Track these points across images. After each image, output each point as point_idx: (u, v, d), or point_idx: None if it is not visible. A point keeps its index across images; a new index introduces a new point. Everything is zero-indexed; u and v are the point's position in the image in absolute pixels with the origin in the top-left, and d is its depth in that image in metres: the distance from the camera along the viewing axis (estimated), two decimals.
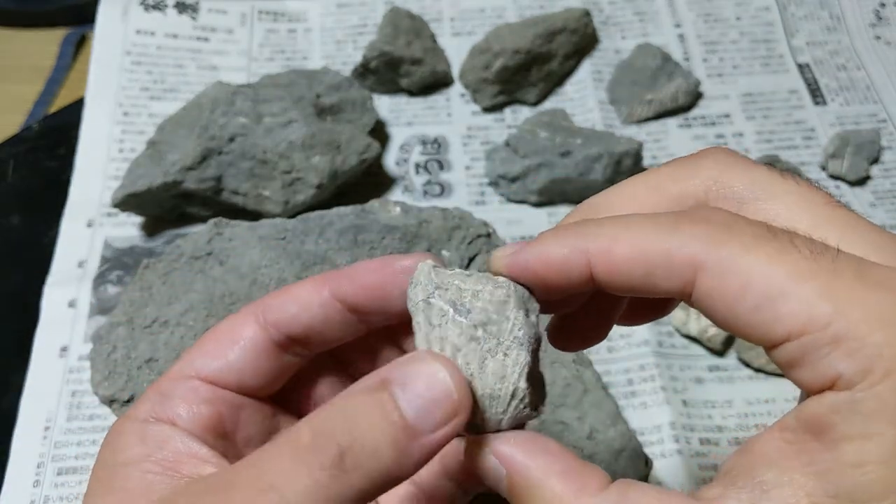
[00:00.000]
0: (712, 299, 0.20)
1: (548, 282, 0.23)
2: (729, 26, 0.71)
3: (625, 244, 0.22)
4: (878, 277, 0.19)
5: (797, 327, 0.19)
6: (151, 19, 0.69)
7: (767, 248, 0.20)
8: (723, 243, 0.20)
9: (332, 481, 0.20)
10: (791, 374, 0.20)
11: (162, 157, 0.56)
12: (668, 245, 0.21)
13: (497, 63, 0.64)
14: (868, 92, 0.66)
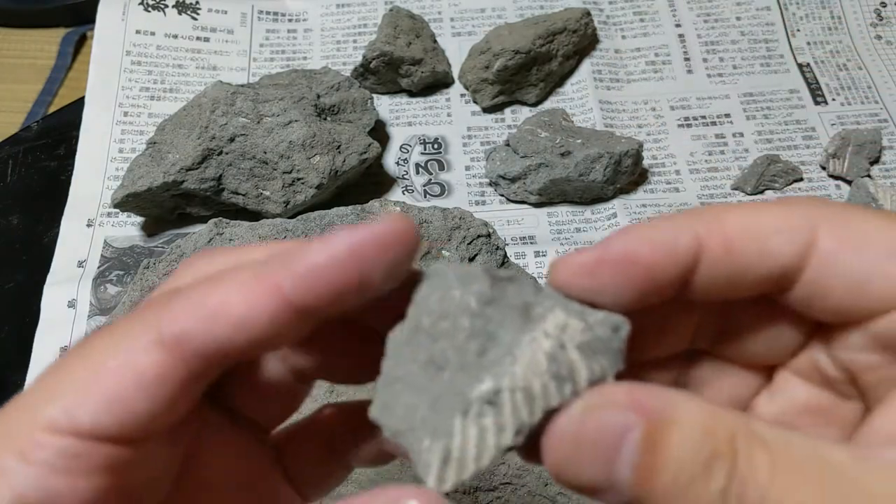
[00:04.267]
0: (837, 256, 0.20)
1: (652, 274, 0.20)
2: (729, 26, 0.71)
3: (736, 214, 0.20)
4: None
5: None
6: (151, 19, 0.69)
7: (870, 212, 0.20)
8: (833, 205, 0.20)
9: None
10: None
11: (162, 157, 0.56)
12: (783, 209, 0.20)
13: (497, 63, 0.64)
14: (869, 92, 0.66)
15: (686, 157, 0.62)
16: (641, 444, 0.18)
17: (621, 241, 0.20)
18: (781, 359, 0.24)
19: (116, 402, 0.18)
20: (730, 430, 0.18)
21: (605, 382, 0.20)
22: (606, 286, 0.20)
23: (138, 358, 0.19)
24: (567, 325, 0.20)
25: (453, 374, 0.20)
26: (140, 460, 0.20)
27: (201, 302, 0.19)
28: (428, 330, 0.20)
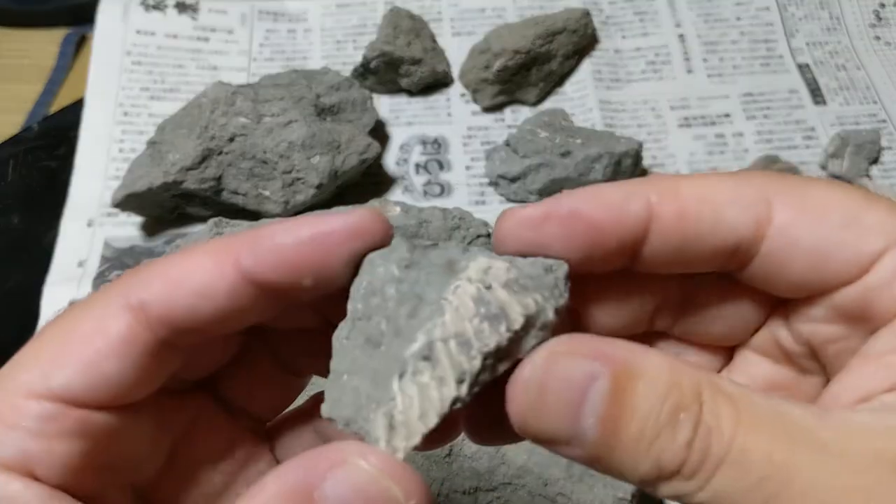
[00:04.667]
0: (794, 228, 0.20)
1: (599, 234, 0.20)
2: (729, 26, 0.71)
3: (691, 184, 0.20)
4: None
5: (891, 237, 0.19)
6: (151, 19, 0.69)
7: (826, 183, 0.20)
8: (789, 178, 0.20)
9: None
10: (883, 301, 0.19)
11: (162, 157, 0.56)
12: (738, 181, 0.20)
13: (497, 63, 0.64)
14: (868, 92, 0.66)
15: (686, 157, 0.63)
16: (607, 393, 0.18)
17: (570, 198, 0.20)
18: (741, 337, 0.24)
19: (87, 366, 0.19)
20: (695, 383, 0.18)
21: (548, 319, 0.19)
22: (550, 241, 0.20)
23: (108, 323, 0.19)
24: (490, 267, 0.19)
25: (389, 344, 0.19)
26: (119, 430, 0.20)
27: (165, 271, 0.20)
28: (362, 313, 0.20)
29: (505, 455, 0.43)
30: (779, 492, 0.17)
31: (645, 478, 0.18)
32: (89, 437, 0.19)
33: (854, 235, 0.19)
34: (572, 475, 0.42)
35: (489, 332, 0.18)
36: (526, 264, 0.20)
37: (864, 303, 0.20)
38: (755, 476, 0.17)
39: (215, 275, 0.20)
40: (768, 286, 0.22)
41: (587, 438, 0.18)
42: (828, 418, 0.18)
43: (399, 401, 0.18)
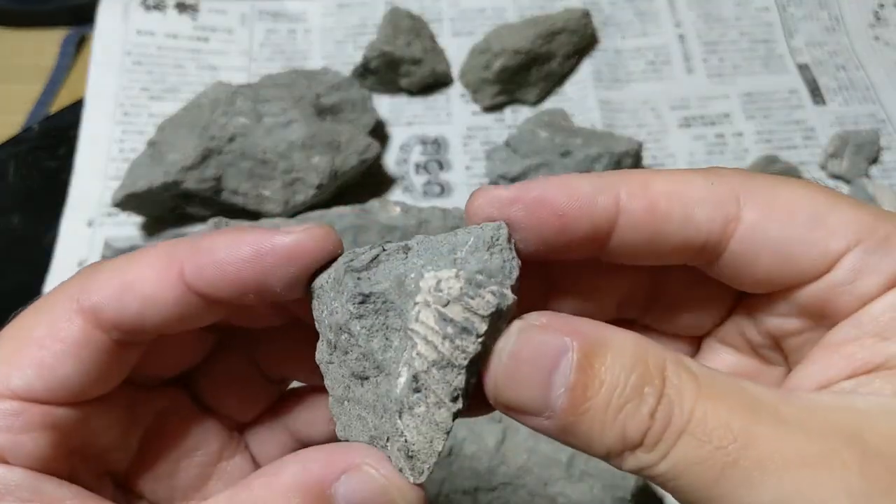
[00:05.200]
0: (762, 227, 0.20)
1: (564, 222, 0.20)
2: (729, 26, 0.71)
3: (662, 181, 0.21)
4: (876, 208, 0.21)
5: (852, 236, 0.20)
6: (151, 19, 0.69)
7: (795, 183, 0.21)
8: (758, 177, 0.21)
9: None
10: (844, 297, 0.20)
11: (162, 157, 0.56)
12: (709, 179, 0.21)
13: (497, 63, 0.64)
14: (867, 92, 0.67)
15: (686, 157, 0.63)
16: (576, 364, 0.18)
17: (541, 185, 0.21)
18: (707, 328, 0.25)
19: (44, 368, 0.20)
20: (660, 359, 0.19)
21: (508, 301, 0.20)
22: (515, 223, 0.21)
23: (61, 326, 0.20)
24: (440, 281, 0.20)
25: (375, 379, 0.20)
26: (85, 422, 0.21)
27: (114, 277, 0.21)
28: (339, 345, 0.21)
29: (505, 455, 0.43)
30: (736, 460, 0.17)
31: (611, 449, 0.19)
32: (54, 429, 0.20)
33: (818, 235, 0.20)
34: (572, 475, 0.43)
35: (462, 346, 0.19)
36: (468, 252, 0.20)
37: (825, 300, 0.21)
38: (713, 445, 0.18)
39: (161, 285, 0.20)
40: (735, 281, 0.22)
41: (556, 408, 0.19)
42: (788, 396, 0.19)
43: (408, 436, 0.20)
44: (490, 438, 0.43)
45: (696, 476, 0.18)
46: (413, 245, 0.21)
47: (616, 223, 0.21)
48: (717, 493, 0.18)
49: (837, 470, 0.17)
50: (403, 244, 0.22)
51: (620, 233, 0.21)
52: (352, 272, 0.21)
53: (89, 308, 0.20)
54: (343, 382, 0.21)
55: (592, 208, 0.20)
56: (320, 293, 0.21)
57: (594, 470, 0.42)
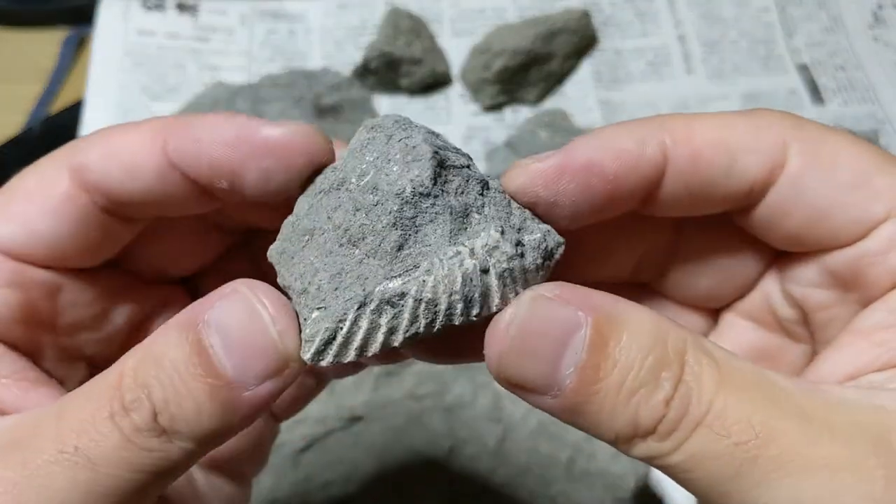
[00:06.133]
0: (803, 179, 0.19)
1: (615, 185, 0.19)
2: (729, 27, 0.71)
3: (706, 127, 0.20)
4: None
5: (894, 204, 0.19)
6: (151, 19, 0.69)
7: (846, 136, 0.19)
8: (807, 125, 0.20)
9: (149, 444, 0.17)
10: (875, 268, 0.19)
11: None
12: (755, 124, 0.19)
13: (497, 63, 0.64)
14: (866, 92, 0.67)
15: None
16: (589, 341, 0.17)
17: (585, 148, 0.19)
18: (729, 295, 0.23)
19: (25, 221, 0.20)
20: (680, 342, 0.18)
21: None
22: (565, 197, 0.19)
23: (50, 182, 0.20)
24: (497, 248, 0.19)
25: (364, 256, 0.19)
26: (56, 291, 0.21)
27: (103, 141, 0.20)
28: (354, 194, 0.19)
29: (505, 455, 0.43)
30: (755, 458, 0.16)
31: (620, 434, 0.18)
32: (22, 289, 0.20)
33: (860, 197, 0.19)
34: (572, 475, 0.43)
35: (460, 312, 0.19)
36: (531, 246, 0.19)
37: (857, 268, 0.20)
38: (732, 440, 0.17)
39: (144, 153, 0.20)
40: (766, 234, 0.21)
41: (564, 387, 0.17)
42: (813, 390, 0.18)
43: (346, 327, 0.18)
44: (490, 439, 0.43)
45: (710, 471, 0.17)
46: (491, 188, 0.20)
47: (664, 174, 0.20)
48: (732, 490, 0.17)
49: (862, 477, 0.16)
50: (485, 179, 0.20)
51: (667, 183, 0.20)
52: (437, 160, 0.19)
53: (77, 166, 0.20)
54: (324, 222, 0.19)
55: (641, 163, 0.19)
56: (379, 135, 0.19)
57: (594, 470, 0.43)
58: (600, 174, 0.19)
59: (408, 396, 0.44)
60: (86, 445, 0.17)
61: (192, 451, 0.18)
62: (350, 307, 0.18)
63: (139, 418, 0.17)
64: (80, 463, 0.17)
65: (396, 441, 0.43)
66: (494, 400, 0.44)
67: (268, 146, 0.19)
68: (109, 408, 0.17)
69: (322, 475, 0.43)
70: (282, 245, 0.20)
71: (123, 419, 0.17)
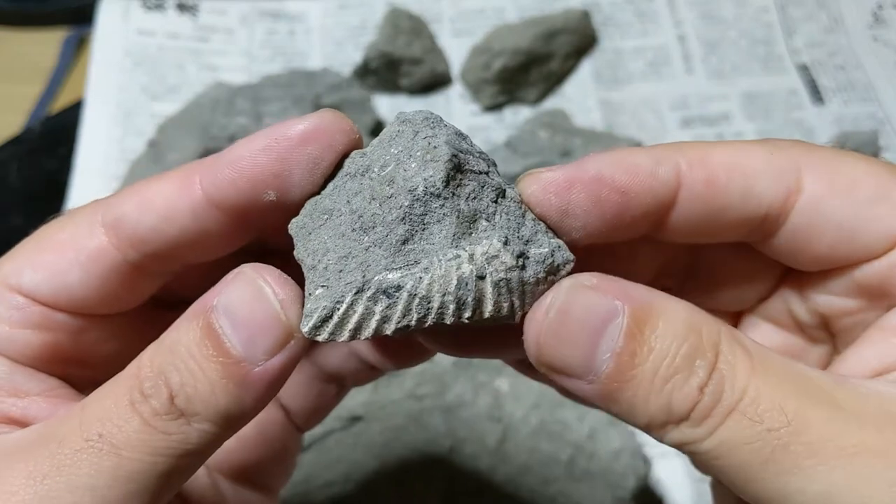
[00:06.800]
0: (824, 201, 0.19)
1: (626, 200, 0.19)
2: (728, 27, 0.71)
3: (721, 152, 0.20)
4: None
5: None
6: (152, 19, 0.69)
7: (856, 156, 0.20)
8: (820, 149, 0.20)
9: (168, 428, 0.18)
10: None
11: (162, 157, 0.56)
12: (769, 150, 0.20)
13: (497, 63, 0.64)
14: (866, 92, 0.67)
15: None
16: (626, 329, 0.18)
17: (597, 162, 0.20)
18: (749, 304, 0.24)
19: (54, 272, 0.20)
20: (714, 332, 0.18)
21: (513, 322, 0.20)
22: (575, 208, 0.20)
23: (82, 236, 0.21)
24: (496, 257, 0.19)
25: (371, 243, 0.19)
26: (84, 333, 0.21)
27: (137, 193, 0.21)
28: (373, 183, 0.20)
29: (505, 455, 0.43)
30: (787, 444, 0.17)
31: (654, 420, 0.18)
32: (50, 331, 0.21)
33: (883, 211, 0.19)
34: (572, 475, 0.43)
35: (451, 313, 0.19)
36: (536, 259, 0.20)
37: (885, 279, 0.20)
38: (764, 426, 0.17)
39: (178, 196, 0.20)
40: (792, 259, 0.21)
41: (601, 372, 0.18)
42: (843, 381, 0.18)
43: (343, 308, 0.19)
44: (490, 438, 0.43)
45: (742, 457, 0.17)
46: (507, 197, 0.20)
47: (677, 197, 0.20)
48: (763, 476, 0.17)
49: (893, 463, 0.16)
50: (503, 187, 0.20)
51: (680, 207, 0.20)
52: (453, 163, 0.19)
53: (111, 220, 0.21)
54: (343, 204, 0.20)
55: (654, 182, 0.19)
56: (407, 129, 0.20)
57: (594, 470, 0.43)
58: (611, 186, 0.19)
59: (408, 396, 0.44)
60: (109, 432, 0.18)
61: (210, 433, 0.18)
62: (349, 290, 0.19)
63: (157, 402, 0.18)
64: (105, 449, 0.17)
65: (396, 441, 0.43)
66: (494, 400, 0.44)
67: (307, 135, 0.20)
68: (129, 396, 0.18)
69: (322, 475, 0.43)
70: (302, 220, 0.21)
71: (143, 405, 0.18)
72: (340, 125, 0.20)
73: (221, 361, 0.18)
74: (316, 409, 0.28)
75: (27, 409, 0.21)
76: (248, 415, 0.19)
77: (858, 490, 0.16)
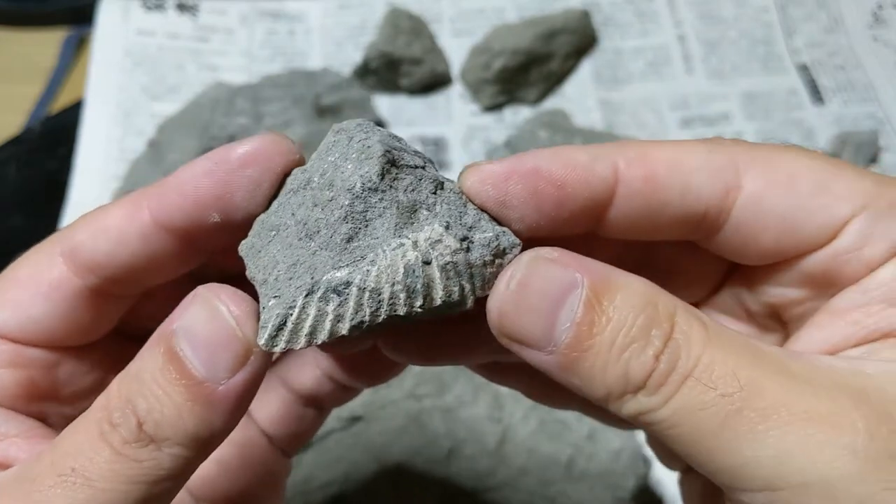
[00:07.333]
0: (765, 196, 0.20)
1: (562, 194, 0.20)
2: (728, 26, 0.71)
3: (660, 150, 0.20)
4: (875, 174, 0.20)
5: (858, 202, 0.19)
6: (152, 19, 0.69)
7: (795, 150, 0.20)
8: (758, 146, 0.20)
9: (139, 455, 0.18)
10: (850, 264, 0.20)
11: (162, 157, 0.56)
12: (707, 148, 0.20)
13: (497, 63, 0.64)
14: (866, 92, 0.67)
15: None
16: (585, 299, 0.18)
17: (535, 156, 0.20)
18: (700, 297, 0.24)
19: (18, 308, 0.21)
20: (671, 304, 0.19)
21: (466, 307, 0.20)
22: (512, 199, 0.20)
23: (42, 269, 0.21)
24: (439, 241, 0.20)
25: (318, 248, 0.20)
26: (57, 367, 0.22)
27: (92, 221, 0.21)
28: (314, 191, 0.20)
29: (505, 455, 0.43)
30: (741, 409, 0.17)
31: (612, 390, 0.18)
32: (21, 367, 0.21)
33: (823, 202, 0.20)
34: (572, 475, 0.43)
35: (403, 303, 0.19)
36: (481, 243, 0.20)
37: (831, 267, 0.20)
38: (718, 392, 0.17)
39: (128, 222, 0.21)
40: (737, 255, 0.22)
41: (560, 342, 0.18)
42: (797, 356, 0.19)
43: (296, 313, 0.19)
44: (490, 439, 0.43)
45: (697, 424, 0.17)
46: (446, 188, 0.21)
47: (615, 193, 0.20)
48: (717, 444, 0.17)
49: (845, 429, 0.17)
50: (440, 181, 0.21)
51: (619, 203, 0.20)
52: (387, 158, 0.20)
53: (68, 251, 0.21)
54: (288, 218, 0.21)
55: (590, 177, 0.20)
56: (342, 138, 0.21)
57: (594, 470, 0.43)
58: (548, 179, 0.20)
59: (407, 396, 0.44)
60: (81, 465, 0.18)
61: (182, 457, 0.18)
62: (299, 294, 0.19)
63: (126, 431, 0.18)
64: (78, 483, 0.18)
65: (396, 441, 0.43)
66: (494, 400, 0.44)
67: (246, 158, 0.20)
68: (99, 427, 0.18)
69: (322, 475, 0.43)
70: (251, 241, 0.21)
71: (112, 434, 0.18)
72: (279, 147, 0.21)
73: (185, 384, 0.18)
74: (297, 433, 0.29)
75: (7, 451, 0.21)
76: (218, 435, 0.19)
77: (811, 455, 0.17)
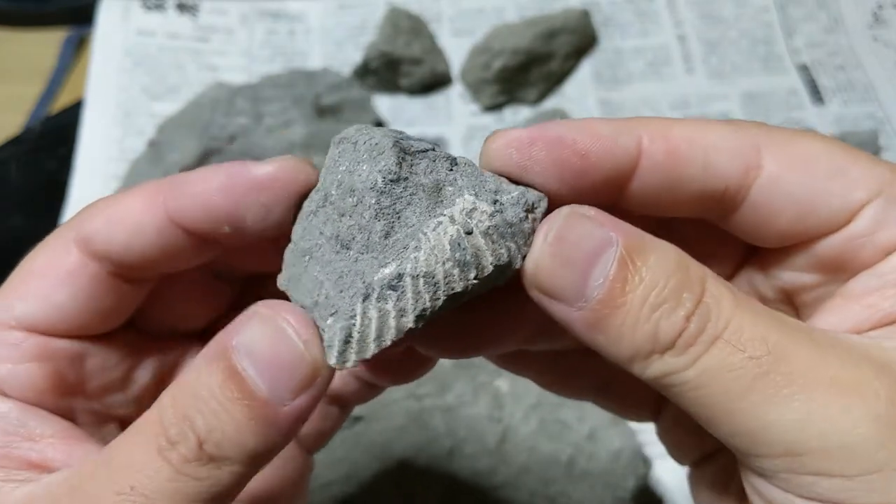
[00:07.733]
0: (783, 177, 0.20)
1: (586, 163, 0.20)
2: (729, 26, 0.71)
3: (683, 126, 0.20)
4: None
5: (874, 188, 0.20)
6: (152, 19, 0.69)
7: (814, 135, 0.21)
8: (778, 129, 0.21)
9: (199, 473, 0.18)
10: (865, 249, 0.20)
11: (162, 157, 0.56)
12: (729, 128, 0.20)
13: (497, 63, 0.64)
14: (866, 92, 0.67)
15: None
16: (619, 257, 0.18)
17: (561, 125, 0.20)
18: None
19: (42, 297, 0.21)
20: (701, 270, 0.19)
21: (516, 266, 0.20)
22: (536, 165, 0.20)
23: (59, 256, 0.21)
24: (475, 209, 0.20)
25: (358, 254, 0.20)
26: (82, 358, 0.22)
27: (105, 209, 0.21)
28: (336, 203, 0.20)
29: (505, 455, 0.43)
30: (767, 372, 0.17)
31: (640, 349, 0.18)
32: (50, 361, 0.21)
33: (840, 186, 0.20)
34: (572, 475, 0.43)
35: (458, 278, 0.19)
36: (510, 202, 0.20)
37: (845, 251, 0.20)
38: (746, 354, 0.18)
39: (146, 215, 0.21)
40: (753, 235, 0.22)
41: (592, 298, 0.18)
42: (818, 328, 0.19)
43: (359, 322, 0.19)
44: (490, 439, 0.43)
45: (724, 385, 0.18)
46: (460, 163, 0.21)
47: (637, 166, 0.20)
48: (742, 406, 0.17)
49: (868, 397, 0.17)
50: (452, 157, 0.21)
51: (641, 177, 0.20)
52: (398, 148, 0.20)
53: (83, 237, 0.21)
54: (317, 238, 0.21)
55: (614, 148, 0.20)
56: (345, 145, 0.21)
57: (594, 470, 0.43)
58: (572, 147, 0.20)
59: (408, 396, 0.44)
60: (140, 483, 0.18)
61: (241, 472, 0.18)
62: (355, 302, 0.19)
63: (186, 449, 0.18)
64: (138, 501, 0.18)
65: (397, 441, 0.43)
66: (494, 400, 0.44)
67: (261, 183, 0.21)
68: (156, 444, 0.18)
69: (322, 475, 0.43)
70: (287, 272, 0.21)
71: (171, 452, 0.18)
72: (297, 175, 0.21)
73: (247, 404, 0.18)
74: (322, 431, 0.29)
75: (44, 453, 0.21)
76: (275, 452, 0.19)
77: (834, 420, 0.17)
